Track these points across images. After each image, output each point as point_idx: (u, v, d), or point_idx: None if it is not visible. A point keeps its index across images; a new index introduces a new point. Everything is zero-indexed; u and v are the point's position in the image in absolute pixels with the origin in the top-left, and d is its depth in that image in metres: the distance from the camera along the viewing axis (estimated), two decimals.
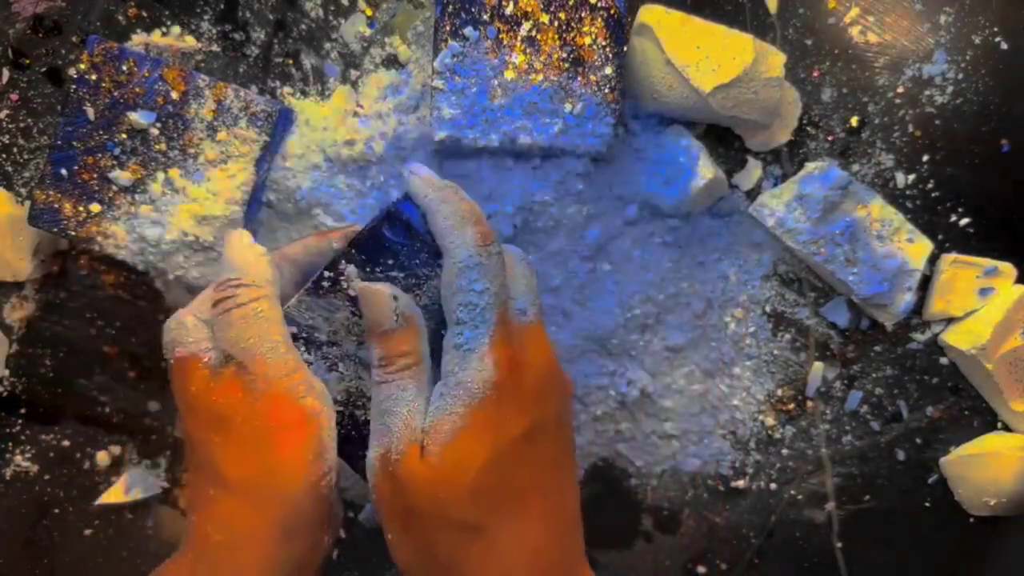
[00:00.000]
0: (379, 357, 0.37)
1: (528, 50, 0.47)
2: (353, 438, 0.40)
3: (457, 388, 0.36)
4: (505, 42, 0.47)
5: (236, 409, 0.36)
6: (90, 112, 0.46)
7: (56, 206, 0.47)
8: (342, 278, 0.39)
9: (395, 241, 0.39)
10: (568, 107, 0.47)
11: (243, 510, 0.36)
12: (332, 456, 0.37)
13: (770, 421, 0.54)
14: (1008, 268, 0.52)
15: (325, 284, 0.39)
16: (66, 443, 0.53)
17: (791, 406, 0.54)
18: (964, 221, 0.53)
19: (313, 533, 0.38)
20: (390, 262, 0.39)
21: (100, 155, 0.46)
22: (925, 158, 0.52)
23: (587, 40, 0.47)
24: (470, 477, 0.35)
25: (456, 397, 0.35)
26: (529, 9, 0.47)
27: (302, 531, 0.37)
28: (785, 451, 0.54)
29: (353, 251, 0.39)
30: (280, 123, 0.48)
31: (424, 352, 0.38)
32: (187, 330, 0.39)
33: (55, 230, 0.47)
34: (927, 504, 0.54)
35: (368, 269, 0.39)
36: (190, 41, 0.51)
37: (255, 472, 0.36)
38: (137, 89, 0.46)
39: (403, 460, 0.36)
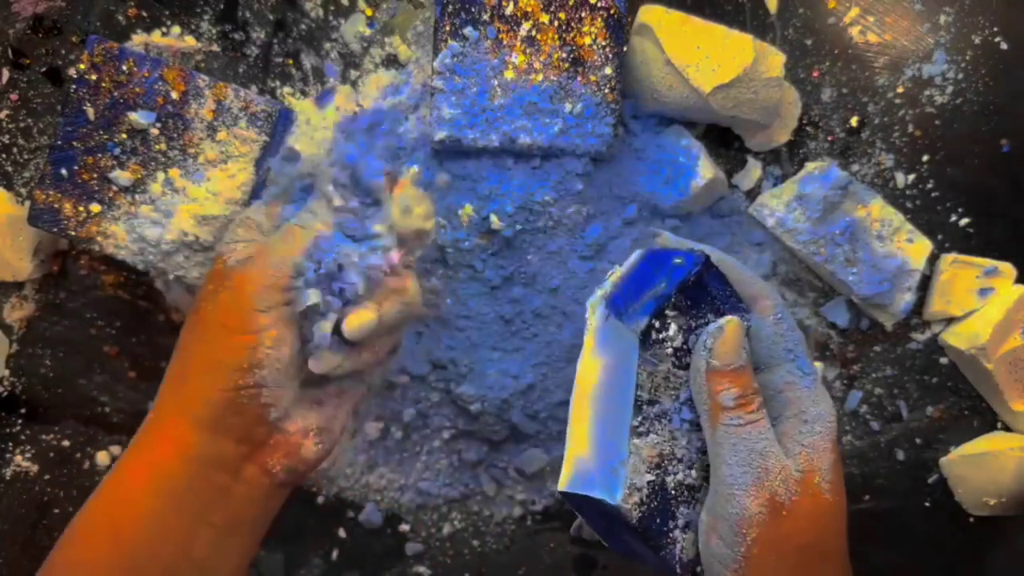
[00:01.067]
0: (736, 396, 0.37)
1: (528, 50, 0.47)
2: (656, 510, 0.38)
3: (818, 423, 0.37)
4: (505, 42, 0.47)
5: (209, 298, 0.39)
6: (90, 112, 0.46)
7: (56, 206, 0.47)
8: (669, 324, 0.38)
9: (716, 287, 0.39)
10: (568, 107, 0.47)
11: (175, 385, 0.39)
12: (266, 375, 0.38)
13: None
14: (1008, 268, 0.52)
15: (653, 335, 0.37)
16: (66, 443, 0.53)
17: None
18: (964, 221, 0.53)
19: (235, 440, 0.38)
20: (707, 308, 0.39)
21: (100, 155, 0.46)
22: (925, 158, 0.52)
23: (587, 40, 0.47)
24: (846, 506, 0.38)
25: (822, 433, 0.37)
26: (529, 9, 0.47)
27: (218, 428, 0.38)
28: None
29: (680, 296, 0.38)
30: (280, 123, 0.48)
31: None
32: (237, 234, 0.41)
33: (55, 230, 0.47)
34: (927, 504, 0.54)
35: (691, 315, 0.38)
36: (190, 41, 0.51)
37: (192, 360, 0.39)
38: (137, 89, 0.46)
39: (802, 499, 0.36)
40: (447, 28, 0.47)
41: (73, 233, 0.47)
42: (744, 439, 0.36)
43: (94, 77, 0.46)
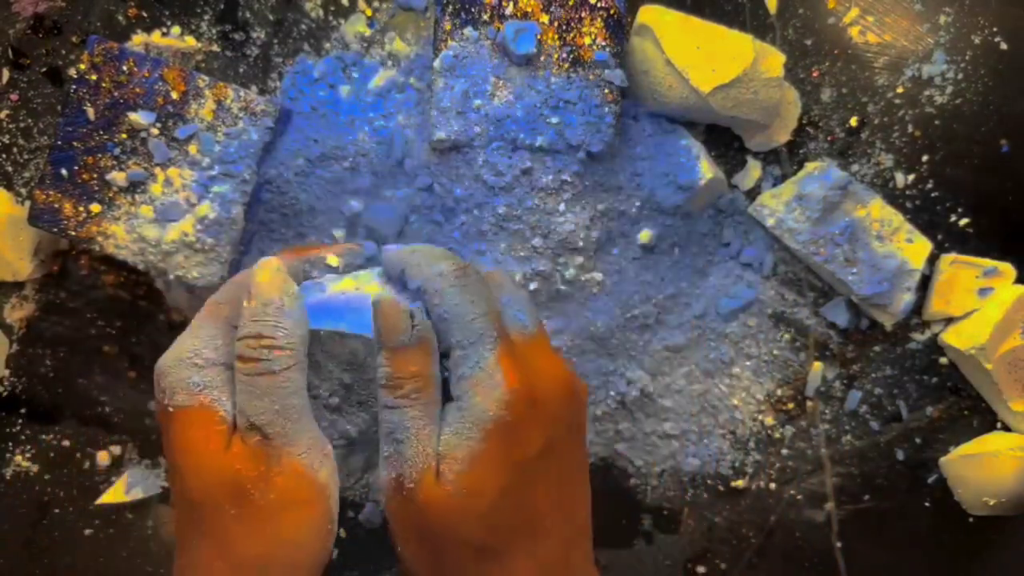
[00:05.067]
0: (388, 376, 0.35)
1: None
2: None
3: (470, 411, 0.34)
4: None
5: (256, 483, 0.34)
6: (90, 112, 0.46)
7: (56, 206, 0.47)
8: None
9: None
10: (568, 107, 0.47)
11: None
12: (336, 524, 0.37)
13: (770, 421, 0.54)
14: (1008, 268, 0.52)
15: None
16: (66, 443, 0.53)
17: (791, 406, 0.54)
18: (964, 221, 0.53)
19: None
20: None
21: (100, 155, 0.46)
22: (925, 158, 0.53)
23: (587, 40, 0.47)
24: (486, 502, 0.34)
25: (471, 421, 0.34)
26: (529, 9, 0.47)
27: None
28: (785, 451, 0.54)
29: None
30: (280, 123, 0.48)
31: (434, 376, 0.36)
32: (196, 372, 0.35)
33: (55, 230, 0.47)
34: (927, 504, 0.54)
35: None
36: (190, 41, 0.51)
37: (270, 549, 0.35)
38: (137, 89, 0.46)
39: (418, 487, 0.34)
40: (447, 28, 0.47)
41: (73, 233, 0.47)
42: (387, 422, 0.35)
43: (94, 77, 0.46)
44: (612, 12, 0.47)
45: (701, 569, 0.54)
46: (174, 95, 0.47)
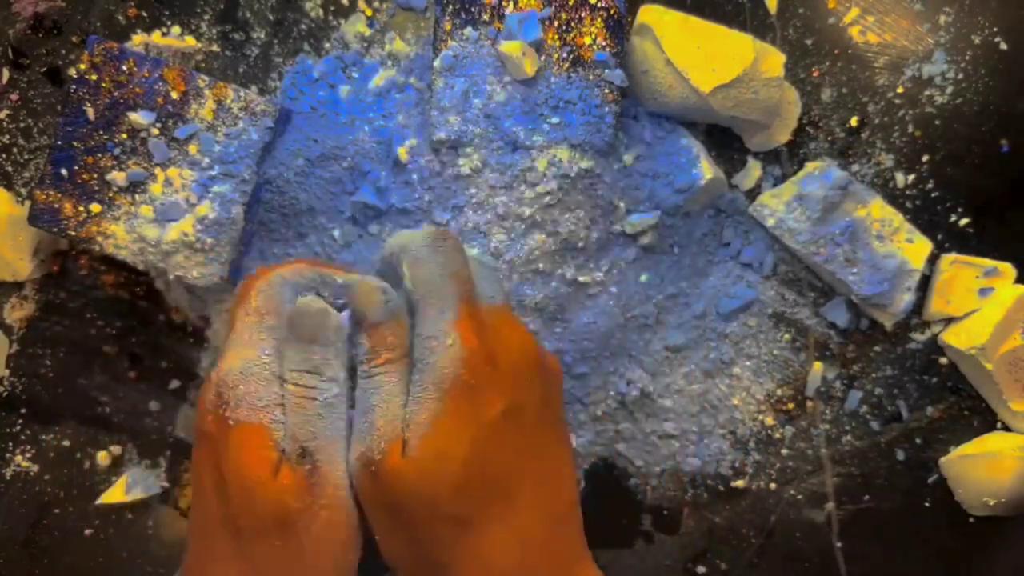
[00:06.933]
0: (367, 351, 0.35)
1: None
2: None
3: (429, 373, 0.34)
4: None
5: (302, 514, 0.34)
6: (90, 112, 0.46)
7: (56, 206, 0.47)
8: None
9: None
10: (568, 107, 0.47)
11: None
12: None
13: (770, 421, 0.54)
14: (1008, 268, 0.52)
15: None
16: (66, 443, 0.53)
17: (791, 406, 0.54)
18: (964, 221, 0.53)
19: None
20: None
21: (100, 155, 0.46)
22: (925, 158, 0.53)
23: (587, 40, 0.47)
24: (454, 467, 0.34)
25: (430, 383, 0.34)
26: (529, 9, 0.47)
27: None
28: (785, 451, 0.54)
29: None
30: (280, 123, 0.48)
31: (410, 348, 0.36)
32: (264, 386, 0.35)
33: (55, 230, 0.47)
34: (927, 504, 0.54)
35: None
36: (190, 41, 0.51)
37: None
38: (137, 89, 0.46)
39: (384, 459, 0.34)
40: (447, 28, 0.47)
41: (73, 233, 0.47)
42: (362, 394, 0.35)
43: (94, 77, 0.46)
44: (612, 12, 0.47)
45: (701, 569, 0.54)
46: (174, 95, 0.47)
